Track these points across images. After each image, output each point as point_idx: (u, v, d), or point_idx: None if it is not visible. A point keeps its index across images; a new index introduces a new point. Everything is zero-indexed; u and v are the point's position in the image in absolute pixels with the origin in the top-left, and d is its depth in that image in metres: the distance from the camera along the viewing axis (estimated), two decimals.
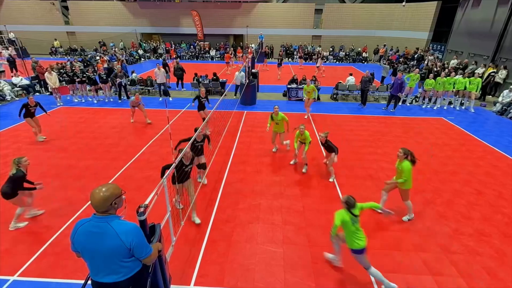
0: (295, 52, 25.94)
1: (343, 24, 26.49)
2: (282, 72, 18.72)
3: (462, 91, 11.84)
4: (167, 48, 26.18)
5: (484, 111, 12.07)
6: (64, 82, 12.31)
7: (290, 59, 25.94)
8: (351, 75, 13.78)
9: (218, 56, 26.18)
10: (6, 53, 20.55)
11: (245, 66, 12.47)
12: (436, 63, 17.03)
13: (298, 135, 6.77)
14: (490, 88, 13.80)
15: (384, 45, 25.29)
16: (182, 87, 14.75)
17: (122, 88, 12.72)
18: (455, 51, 18.21)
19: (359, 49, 26.24)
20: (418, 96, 12.82)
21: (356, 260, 3.89)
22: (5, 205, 4.89)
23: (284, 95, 13.87)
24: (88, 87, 12.66)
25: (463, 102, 12.24)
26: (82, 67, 15.99)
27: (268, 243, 4.74)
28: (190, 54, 26.60)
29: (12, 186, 4.68)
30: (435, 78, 12.00)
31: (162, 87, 13.02)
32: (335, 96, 13.55)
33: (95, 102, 12.50)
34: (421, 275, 4.17)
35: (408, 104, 12.76)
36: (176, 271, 4.11)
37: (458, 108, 12.16)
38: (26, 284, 3.98)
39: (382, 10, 25.52)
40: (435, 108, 12.20)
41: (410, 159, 4.94)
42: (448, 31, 19.40)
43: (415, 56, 21.39)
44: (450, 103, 12.55)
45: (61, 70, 13.96)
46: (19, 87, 13.37)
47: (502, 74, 13.51)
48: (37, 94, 13.80)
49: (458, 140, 8.98)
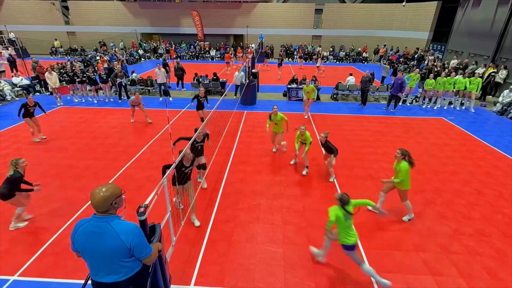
0: (295, 52, 25.93)
1: (343, 24, 26.49)
2: (283, 72, 18.71)
3: (463, 91, 11.84)
4: (167, 48, 26.18)
5: (485, 111, 12.07)
6: (64, 82, 12.32)
7: (290, 59, 25.93)
8: (351, 75, 13.77)
9: (218, 56, 26.19)
10: (6, 53, 20.56)
11: (245, 66, 12.47)
12: (436, 64, 17.00)
13: (299, 135, 6.70)
14: (491, 88, 13.80)
15: (384, 45, 25.28)
16: (183, 87, 14.76)
17: (122, 88, 12.73)
18: (455, 51, 18.20)
19: (359, 49, 26.24)
20: (418, 96, 12.81)
21: (348, 256, 3.94)
22: (5, 205, 4.89)
23: (284, 95, 13.87)
24: (88, 87, 12.67)
25: (463, 102, 12.24)
26: (82, 67, 16.01)
27: (268, 243, 4.74)
28: (190, 54, 26.62)
29: (10, 187, 4.69)
30: (435, 78, 12.01)
31: (162, 87, 13.04)
32: (335, 96, 13.55)
33: (95, 102, 12.51)
34: (421, 275, 4.17)
35: (408, 104, 12.76)
36: (176, 271, 4.11)
37: (458, 108, 12.16)
38: (26, 284, 3.98)
39: (382, 10, 25.52)
40: (435, 108, 12.20)
41: (407, 160, 4.94)
42: (448, 31, 19.40)
43: (415, 56, 21.39)
44: (450, 103, 12.55)
45: (61, 70, 13.97)
46: (20, 87, 13.38)
47: (502, 74, 13.51)
48: (37, 94, 13.80)
49: (459, 140, 8.98)
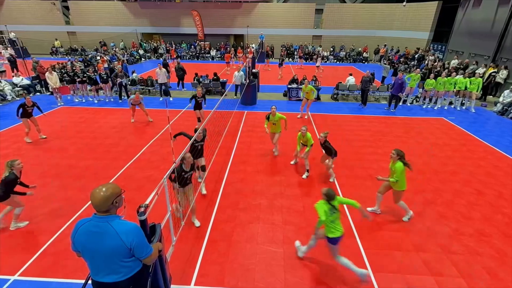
0: (295, 52, 25.94)
1: (343, 24, 26.48)
2: (283, 72, 18.71)
3: (463, 91, 11.84)
4: (167, 48, 26.20)
5: (485, 111, 12.06)
6: (64, 82, 12.33)
7: (290, 59, 25.93)
8: (351, 75, 13.77)
9: (219, 56, 26.20)
10: (6, 53, 20.56)
11: (245, 66, 12.47)
12: (436, 65, 16.97)
13: (300, 136, 6.62)
14: (491, 88, 13.78)
15: (384, 45, 25.26)
16: (183, 87, 14.77)
17: (123, 88, 12.75)
18: (455, 51, 18.18)
19: (360, 49, 26.23)
20: (419, 96, 12.81)
21: (327, 248, 4.06)
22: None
23: (285, 95, 13.88)
24: (88, 87, 12.68)
25: (464, 102, 12.23)
26: (83, 67, 16.02)
27: (268, 243, 4.74)
28: (190, 54, 26.62)
29: (4, 189, 4.68)
30: (435, 78, 12.00)
31: (163, 87, 13.05)
32: (335, 96, 13.55)
33: (96, 102, 12.52)
34: (421, 275, 4.17)
35: (409, 104, 12.76)
36: (176, 271, 4.11)
37: (458, 108, 12.15)
38: (27, 284, 3.98)
39: (383, 10, 25.51)
40: (435, 108, 12.19)
41: (402, 160, 4.93)
42: (448, 31, 19.37)
43: (416, 56, 21.38)
44: (450, 103, 12.54)
45: (62, 70, 13.98)
46: (20, 87, 13.39)
47: (503, 74, 13.49)
48: (38, 94, 13.82)
49: (459, 140, 8.97)
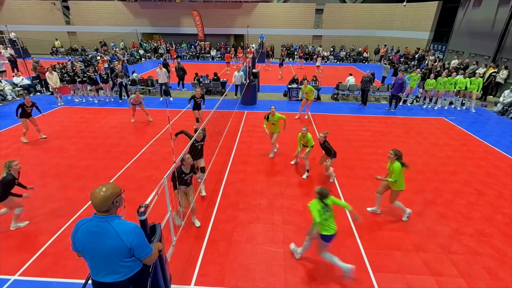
0: (295, 52, 25.94)
1: (343, 24, 26.47)
2: (283, 72, 18.71)
3: (463, 91, 11.83)
4: (168, 48, 26.19)
5: (485, 111, 12.05)
6: (65, 82, 12.34)
7: (290, 59, 25.93)
8: (350, 75, 13.77)
9: (219, 56, 26.20)
10: (6, 52, 20.56)
11: (245, 66, 12.47)
12: (436, 65, 16.94)
13: (301, 137, 6.62)
14: (491, 88, 13.78)
15: (385, 45, 25.26)
16: (183, 87, 14.77)
17: (123, 88, 12.75)
18: (456, 51, 18.18)
19: (360, 49, 26.23)
20: (419, 96, 12.80)
21: (317, 244, 4.15)
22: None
23: (285, 95, 13.87)
24: (89, 87, 12.68)
25: (464, 102, 12.22)
26: (83, 67, 16.02)
27: (268, 243, 4.74)
28: (190, 54, 26.62)
29: (2, 190, 4.67)
30: (436, 78, 11.99)
31: (163, 87, 13.05)
32: (335, 96, 13.55)
33: (96, 102, 12.52)
34: (421, 275, 4.17)
35: (409, 104, 12.75)
36: (176, 271, 4.11)
37: (459, 108, 12.15)
38: (27, 284, 3.98)
39: (383, 10, 25.50)
40: (436, 108, 12.19)
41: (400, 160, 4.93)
42: (449, 31, 19.36)
43: (416, 56, 21.37)
44: (451, 103, 12.54)
45: (62, 70, 13.99)
46: (20, 87, 13.40)
47: (503, 74, 13.49)
48: (38, 94, 13.83)
49: (459, 140, 8.97)
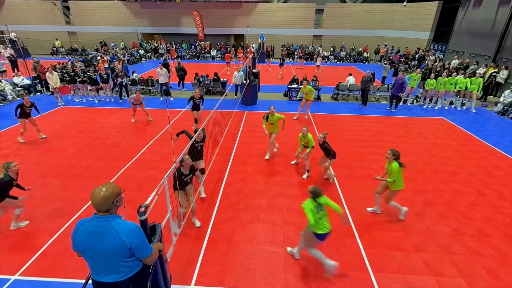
0: (295, 52, 25.94)
1: (344, 24, 26.47)
2: (284, 72, 18.71)
3: (464, 91, 11.83)
4: (168, 48, 26.20)
5: (486, 111, 12.04)
6: (65, 82, 12.34)
7: (291, 59, 25.93)
8: (350, 75, 13.77)
9: (219, 56, 26.21)
10: (6, 52, 20.55)
11: (245, 66, 12.47)
12: (436, 65, 16.92)
13: (301, 137, 6.62)
14: (492, 88, 13.77)
15: (385, 45, 25.25)
16: (183, 87, 14.78)
17: (123, 88, 12.75)
18: (456, 51, 18.17)
19: (360, 49, 26.22)
20: (419, 96, 12.79)
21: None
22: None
23: (285, 95, 13.87)
24: (89, 87, 12.69)
25: (464, 102, 12.22)
26: (83, 67, 16.03)
27: (268, 243, 4.74)
28: (190, 54, 26.63)
29: None
30: (436, 78, 11.99)
31: (163, 87, 13.05)
32: (336, 96, 13.55)
33: (96, 102, 12.53)
34: (421, 275, 4.17)
35: (409, 104, 12.75)
36: (176, 271, 4.11)
37: (459, 108, 12.14)
38: (27, 284, 3.99)
39: (383, 10, 25.49)
40: (436, 108, 12.18)
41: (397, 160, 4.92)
42: (449, 31, 19.35)
43: (416, 56, 21.36)
44: (451, 103, 12.53)
45: (62, 70, 13.99)
46: (21, 87, 13.40)
47: (504, 74, 13.48)
48: (38, 94, 13.83)
49: (459, 140, 8.97)
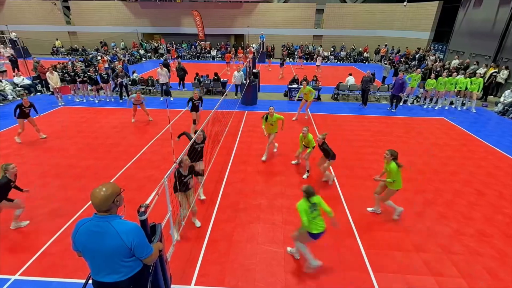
0: (296, 52, 25.94)
1: (344, 24, 26.46)
2: (284, 72, 18.71)
3: (464, 91, 11.82)
4: (168, 48, 26.20)
5: (486, 111, 12.04)
6: (65, 82, 12.35)
7: (291, 59, 25.93)
8: (350, 75, 13.77)
9: (219, 56, 26.21)
10: (6, 52, 20.56)
11: (245, 66, 12.47)
12: (436, 65, 16.91)
13: (302, 138, 6.62)
14: (492, 88, 13.76)
15: (385, 45, 25.24)
16: (183, 87, 14.78)
17: (123, 88, 12.76)
18: (456, 51, 18.16)
19: (360, 49, 26.21)
20: (420, 96, 12.79)
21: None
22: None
23: (285, 95, 13.87)
24: (89, 87, 12.70)
25: (464, 102, 12.21)
26: (84, 67, 16.04)
27: (269, 243, 4.74)
28: (191, 54, 26.64)
29: None
30: (436, 78, 11.98)
31: (164, 87, 13.05)
32: (336, 96, 13.54)
33: (96, 102, 12.53)
34: (421, 276, 4.17)
35: (410, 104, 12.74)
36: (177, 271, 4.12)
37: (459, 108, 12.13)
38: (27, 284, 3.99)
39: (383, 10, 25.47)
40: (436, 108, 12.18)
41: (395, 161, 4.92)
42: (449, 31, 19.34)
43: (417, 56, 21.34)
44: (451, 103, 12.52)
45: (62, 70, 14.00)
46: (21, 87, 13.41)
47: (504, 74, 13.48)
48: (38, 94, 13.84)
49: (460, 140, 8.96)
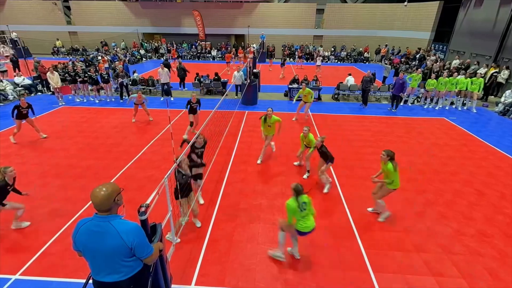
0: (296, 52, 25.93)
1: (344, 24, 26.45)
2: (285, 72, 18.70)
3: (464, 91, 11.81)
4: (168, 48, 26.21)
5: (486, 111, 12.03)
6: (66, 82, 12.36)
7: (291, 59, 25.92)
8: (349, 75, 13.77)
9: (220, 56, 26.22)
10: (5, 52, 20.57)
11: (245, 66, 12.47)
12: (436, 65, 16.88)
13: (302, 138, 6.62)
14: (493, 88, 13.75)
15: (385, 45, 25.22)
16: (184, 87, 14.79)
17: (124, 88, 12.77)
18: (457, 51, 18.14)
19: (361, 49, 26.19)
20: (420, 96, 12.78)
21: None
22: None
23: (286, 95, 13.87)
24: (90, 87, 12.71)
25: (465, 102, 12.20)
26: (84, 67, 16.05)
27: (269, 243, 4.74)
28: (191, 54, 26.65)
29: None
30: (437, 78, 11.98)
31: (165, 87, 13.06)
32: (336, 96, 13.54)
33: (97, 102, 12.54)
34: (421, 276, 4.16)
35: (410, 104, 12.73)
36: (177, 271, 4.12)
37: (460, 109, 12.12)
38: (28, 283, 3.99)
39: (384, 10, 25.46)
40: (437, 108, 12.17)
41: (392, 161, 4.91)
42: (450, 31, 19.32)
43: (417, 56, 21.32)
44: (452, 103, 12.51)
45: (63, 70, 14.02)
46: (21, 86, 13.43)
47: (505, 74, 13.46)
48: (39, 93, 13.86)
49: (460, 140, 8.95)
